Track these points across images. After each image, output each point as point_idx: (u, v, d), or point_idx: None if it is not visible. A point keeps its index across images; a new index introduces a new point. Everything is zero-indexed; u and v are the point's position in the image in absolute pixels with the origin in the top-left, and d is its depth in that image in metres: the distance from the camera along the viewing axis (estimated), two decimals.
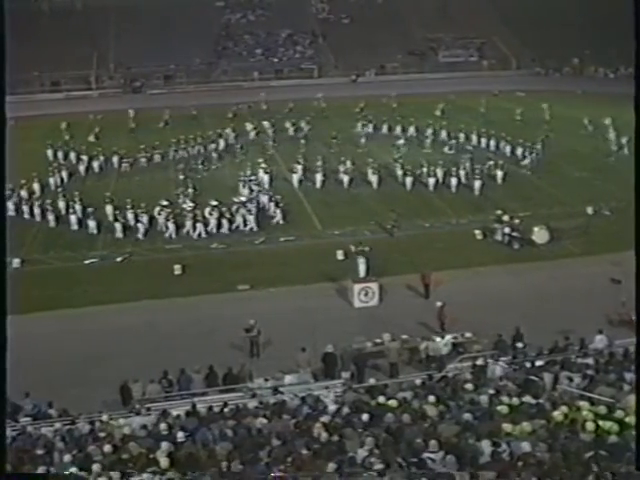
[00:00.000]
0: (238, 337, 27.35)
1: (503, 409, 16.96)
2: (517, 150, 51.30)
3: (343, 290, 32.29)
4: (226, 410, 19.20)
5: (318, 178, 48.12)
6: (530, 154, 49.71)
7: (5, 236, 9.52)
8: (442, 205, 43.52)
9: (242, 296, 32.31)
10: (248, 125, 62.09)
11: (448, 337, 26.11)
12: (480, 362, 22.10)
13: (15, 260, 36.65)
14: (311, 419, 17.38)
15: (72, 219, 41.53)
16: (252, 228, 40.61)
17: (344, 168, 48.67)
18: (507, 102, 68.16)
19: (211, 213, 40.72)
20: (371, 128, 60.97)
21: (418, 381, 20.56)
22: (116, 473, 14.81)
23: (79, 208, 41.93)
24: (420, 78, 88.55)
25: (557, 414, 16.32)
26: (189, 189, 45.40)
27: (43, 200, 44.07)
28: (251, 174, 47.30)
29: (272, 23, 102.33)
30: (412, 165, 48.38)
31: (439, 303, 28.51)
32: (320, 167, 48.69)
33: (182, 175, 49.41)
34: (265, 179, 47.76)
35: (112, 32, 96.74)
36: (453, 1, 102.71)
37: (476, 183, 45.49)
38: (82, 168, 52.74)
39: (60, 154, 54.86)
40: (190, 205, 42.15)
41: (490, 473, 13.80)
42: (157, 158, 54.56)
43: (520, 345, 24.41)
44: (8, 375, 24.03)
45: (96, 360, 26.81)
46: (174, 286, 33.75)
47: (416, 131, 58.68)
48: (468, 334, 26.46)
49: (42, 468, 15.58)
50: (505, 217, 37.97)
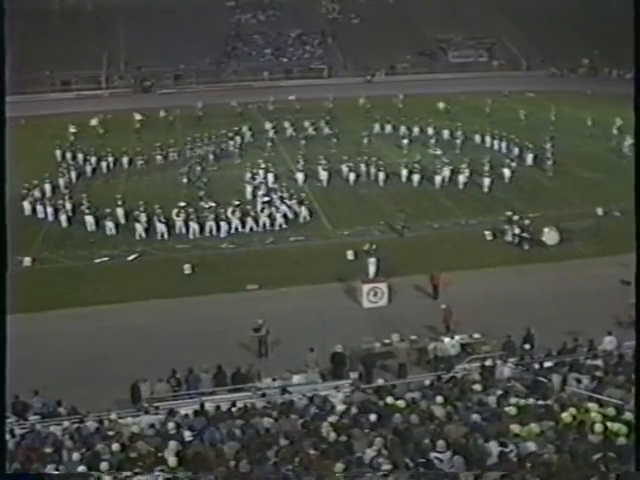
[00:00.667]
0: (246, 337, 27.38)
1: (511, 410, 16.95)
2: (527, 152, 51.03)
3: (352, 290, 32.28)
4: (234, 409, 19.25)
5: (324, 177, 48.42)
6: (547, 158, 49.39)
7: (5, 236, 9.53)
8: (452, 206, 43.44)
9: (251, 296, 32.32)
10: (267, 124, 61.86)
11: (457, 338, 26.07)
12: (489, 363, 22.10)
13: (26, 259, 36.80)
14: (319, 419, 17.41)
15: (88, 220, 41.28)
16: (281, 225, 40.81)
17: (355, 167, 48.80)
18: (517, 103, 67.92)
19: (234, 212, 40.75)
20: (389, 128, 60.65)
21: (426, 382, 20.59)
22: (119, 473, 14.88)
23: (88, 208, 41.74)
24: (431, 78, 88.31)
25: (565, 415, 16.28)
26: (202, 189, 45.32)
27: (55, 200, 44.06)
28: (260, 173, 47.38)
29: (282, 23, 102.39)
30: (422, 166, 48.37)
31: (444, 305, 28.51)
32: (328, 166, 48.91)
33: (191, 175, 49.41)
34: (296, 178, 48.24)
35: (122, 32, 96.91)
36: (463, 1, 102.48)
37: (485, 184, 45.47)
38: (90, 168, 52.71)
39: (69, 154, 54.65)
40: (211, 204, 42.20)
41: (495, 473, 13.78)
42: (174, 156, 54.44)
43: (527, 347, 24.39)
44: (17, 373, 24.12)
45: (105, 359, 26.88)
46: (183, 285, 33.79)
47: (426, 132, 58.41)
48: (477, 335, 26.43)
49: (51, 466, 15.65)
50: (515, 218, 37.88)
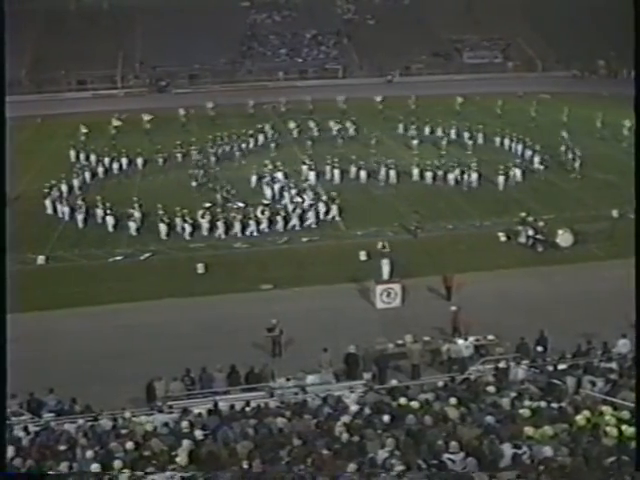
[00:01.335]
0: (260, 336, 27.43)
1: (525, 412, 16.90)
2: (539, 153, 50.80)
3: (366, 291, 32.28)
4: (248, 409, 19.28)
5: (336, 176, 48.83)
6: (574, 160, 49.10)
7: (5, 236, 9.59)
8: (466, 207, 43.37)
9: (265, 296, 32.38)
10: (291, 123, 61.79)
11: (470, 339, 26.03)
12: (502, 365, 22.04)
13: (40, 257, 37.00)
14: (332, 419, 17.42)
15: (108, 220, 41.35)
16: (310, 225, 41.04)
17: (368, 167, 48.99)
18: (533, 104, 67.63)
19: (263, 212, 40.80)
20: (405, 129, 60.38)
21: (440, 383, 20.53)
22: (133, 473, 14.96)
23: (104, 208, 41.86)
24: (445, 79, 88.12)
25: (579, 418, 16.22)
26: (224, 189, 45.36)
27: (71, 199, 44.19)
28: (277, 173, 47.54)
29: (297, 23, 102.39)
30: (436, 166, 48.44)
31: (453, 308, 28.47)
32: (340, 166, 49.21)
33: (199, 176, 49.45)
34: (312, 177, 48.42)
35: (138, 32, 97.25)
36: (478, 2, 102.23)
37: (500, 185, 45.40)
38: (103, 169, 52.57)
39: (82, 155, 54.45)
40: (240, 205, 42.23)
41: (509, 473, 13.77)
42: (195, 154, 54.50)
43: (540, 349, 24.31)
44: (32, 371, 24.27)
45: (119, 357, 26.98)
46: (197, 285, 33.88)
47: (442, 132, 58.24)
48: (490, 337, 26.36)
49: (64, 464, 15.73)
50: (529, 219, 37.77)
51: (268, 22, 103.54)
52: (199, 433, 17.04)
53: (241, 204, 42.58)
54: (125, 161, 53.26)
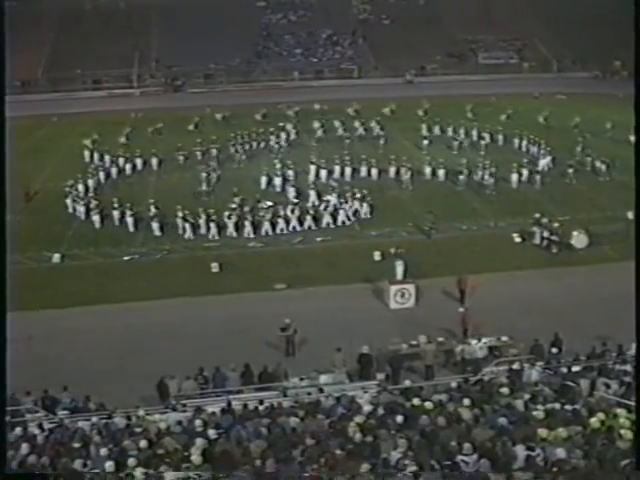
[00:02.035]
0: (274, 336, 27.48)
1: (539, 414, 16.84)
2: (549, 154, 50.62)
3: (379, 291, 32.26)
4: (261, 408, 19.31)
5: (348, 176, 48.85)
6: (603, 162, 48.72)
7: (5, 236, 9.62)
8: (480, 207, 43.28)
9: (279, 295, 32.43)
10: (316, 123, 61.59)
11: (484, 340, 25.97)
12: (516, 366, 21.98)
13: (55, 255, 37.17)
14: (345, 419, 17.42)
15: (129, 221, 41.29)
16: (344, 222, 41.14)
17: (384, 168, 49.05)
18: (549, 105, 67.46)
19: (293, 211, 40.88)
20: (438, 130, 60.06)
21: (453, 384, 20.49)
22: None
23: (119, 210, 41.79)
24: (460, 80, 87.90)
25: (594, 421, 16.15)
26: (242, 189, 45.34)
27: (87, 198, 44.23)
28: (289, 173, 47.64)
29: (313, 23, 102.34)
30: (450, 167, 48.44)
31: (461, 309, 28.40)
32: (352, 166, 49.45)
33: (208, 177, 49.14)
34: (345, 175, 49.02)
35: (154, 31, 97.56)
36: (493, 3, 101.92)
37: (514, 186, 45.31)
38: (128, 167, 52.62)
39: (97, 155, 54.30)
40: (269, 204, 42.34)
41: (524, 475, 13.74)
42: (215, 152, 54.69)
43: (555, 350, 24.23)
44: (46, 368, 24.41)
45: (133, 356, 27.11)
46: (211, 284, 33.96)
47: (458, 133, 58.06)
48: (504, 338, 26.29)
49: (78, 461, 15.80)
50: (544, 221, 37.66)
51: (283, 22, 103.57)
52: (212, 432, 17.08)
53: (270, 203, 42.61)
54: (140, 161, 53.12)
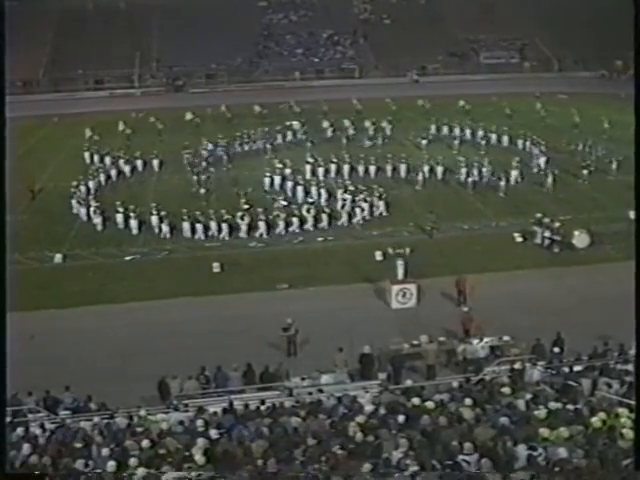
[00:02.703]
0: (275, 336, 27.48)
1: (540, 414, 16.84)
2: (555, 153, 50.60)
3: (381, 291, 32.27)
4: (263, 408, 19.32)
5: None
6: (610, 161, 48.45)
7: (5, 236, 9.62)
8: (482, 207, 43.27)
9: (280, 295, 32.43)
10: (325, 122, 61.44)
11: (485, 340, 25.96)
12: (518, 366, 21.97)
13: (57, 255, 37.18)
14: (347, 419, 17.43)
15: (133, 224, 40.91)
16: (359, 221, 41.25)
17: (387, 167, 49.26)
18: (551, 105, 67.44)
19: (309, 210, 40.89)
20: (437, 129, 59.89)
21: (455, 384, 20.49)
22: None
23: (123, 213, 41.37)
24: (462, 79, 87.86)
25: (595, 420, 16.15)
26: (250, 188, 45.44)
27: (89, 201, 43.90)
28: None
29: (314, 23, 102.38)
30: (450, 166, 48.52)
31: (465, 308, 28.40)
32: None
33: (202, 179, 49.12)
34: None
35: (155, 31, 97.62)
36: (495, 2, 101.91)
37: (515, 186, 45.33)
38: (129, 168, 52.28)
39: (97, 157, 53.82)
40: (284, 204, 42.30)
41: (522, 474, 13.75)
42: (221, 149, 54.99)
43: (556, 350, 24.22)
44: (48, 369, 24.39)
45: (135, 356, 27.12)
46: (213, 284, 33.97)
47: (463, 132, 58.15)
48: (506, 337, 26.27)
49: (80, 461, 15.81)
50: (545, 220, 37.64)
51: (284, 22, 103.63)
52: (214, 432, 17.09)
53: (284, 203, 42.59)
54: (140, 162, 52.86)
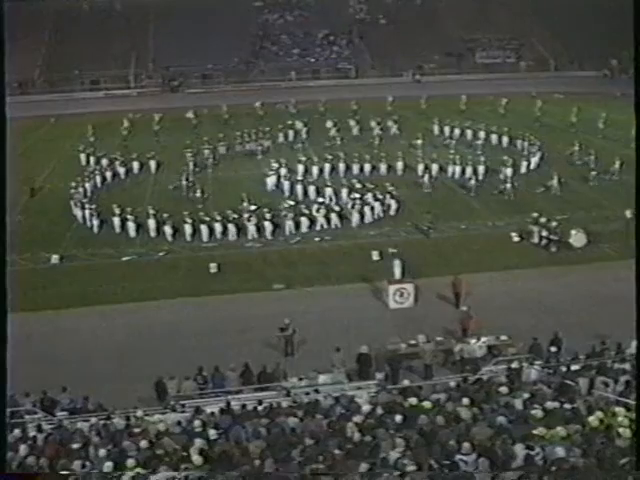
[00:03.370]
0: (273, 336, 27.47)
1: (537, 413, 16.86)
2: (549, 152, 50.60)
3: (378, 291, 32.26)
4: (260, 408, 19.32)
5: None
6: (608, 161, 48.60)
7: (5, 236, 9.59)
8: (479, 207, 43.27)
9: (277, 295, 32.41)
10: (328, 122, 61.09)
11: (483, 340, 25.98)
12: (515, 365, 22.00)
13: (54, 256, 37.13)
14: (344, 419, 17.43)
15: (131, 226, 40.48)
16: (377, 218, 41.27)
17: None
18: (547, 104, 67.44)
19: (319, 210, 40.80)
20: (434, 129, 59.77)
21: (452, 383, 20.52)
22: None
23: (119, 216, 40.91)
24: (458, 79, 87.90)
25: (592, 419, 16.18)
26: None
27: (84, 203, 43.31)
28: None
29: (309, 23, 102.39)
30: (445, 165, 48.61)
31: (464, 308, 28.42)
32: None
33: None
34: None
35: (151, 31, 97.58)
36: (491, 2, 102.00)
37: (511, 185, 45.30)
38: (126, 169, 52.00)
39: (92, 159, 53.38)
40: (290, 204, 42.21)
41: (513, 474, 13.76)
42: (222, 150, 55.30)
43: (554, 349, 24.25)
44: (45, 369, 24.32)
45: (132, 356, 27.10)
46: (210, 284, 33.94)
47: (464, 133, 58.15)
48: (503, 337, 26.29)
49: (78, 462, 15.79)
50: (542, 220, 37.66)
51: (280, 22, 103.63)
52: (212, 432, 17.09)
53: (291, 202, 42.53)
54: (136, 164, 52.51)
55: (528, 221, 38.18)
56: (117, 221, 40.78)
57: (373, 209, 41.52)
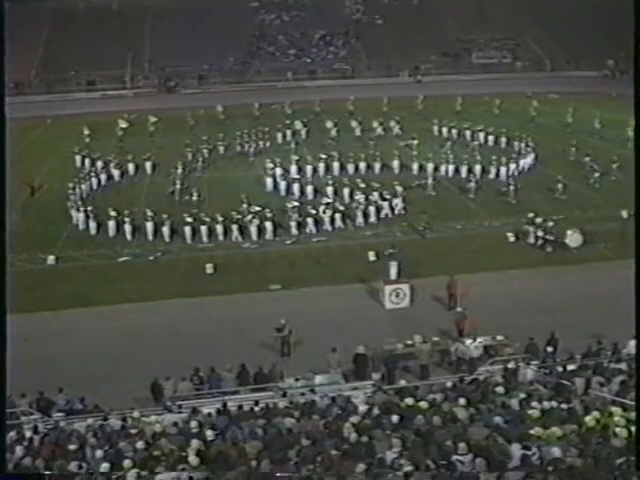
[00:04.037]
0: (269, 337, 27.45)
1: (534, 413, 16.87)
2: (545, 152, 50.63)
3: (374, 291, 32.27)
4: (256, 409, 19.31)
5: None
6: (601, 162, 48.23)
7: (5, 236, 9.59)
8: (474, 207, 43.28)
9: (274, 296, 32.40)
10: (328, 123, 60.89)
11: (479, 340, 25.99)
12: (511, 365, 22.01)
13: (50, 257, 37.09)
14: (341, 419, 17.43)
15: (127, 229, 40.15)
16: (385, 217, 41.40)
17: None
18: (542, 104, 67.46)
19: (325, 211, 40.71)
20: (430, 129, 59.67)
21: (449, 383, 20.51)
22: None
23: (115, 219, 40.62)
24: (454, 79, 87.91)
25: (589, 419, 16.19)
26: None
27: (79, 205, 43.05)
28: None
29: (306, 24, 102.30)
30: (445, 166, 48.63)
31: (459, 309, 28.42)
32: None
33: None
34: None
35: (147, 32, 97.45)
36: (487, 2, 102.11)
37: (509, 186, 45.34)
38: (122, 171, 51.67)
39: (87, 160, 52.95)
40: (295, 204, 42.13)
41: (516, 474, 13.76)
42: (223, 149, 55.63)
43: (550, 349, 24.27)
44: (41, 370, 24.25)
45: (128, 357, 27.08)
46: (206, 285, 33.92)
47: (463, 134, 58.08)
48: (499, 337, 26.30)
49: (74, 463, 15.77)
50: (538, 220, 37.69)
51: (277, 22, 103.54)
52: (208, 433, 17.07)
53: (296, 203, 42.45)
54: (132, 165, 52.10)
55: (524, 221, 38.21)
56: (112, 224, 40.41)
57: (378, 209, 41.48)
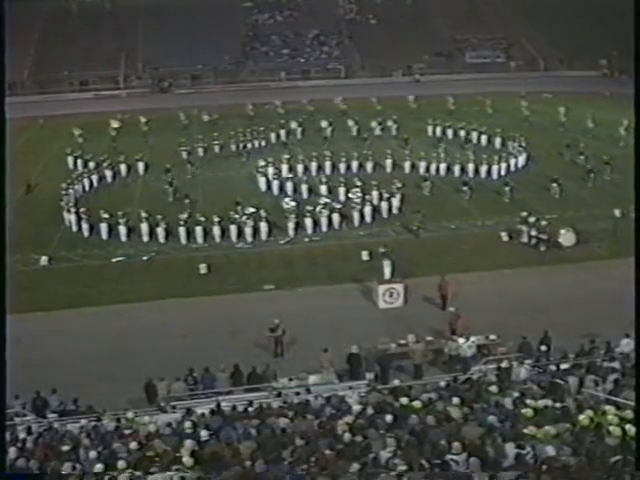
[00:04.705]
0: (263, 337, 27.45)
1: (528, 412, 16.88)
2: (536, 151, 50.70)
3: (368, 291, 32.28)
4: (250, 409, 19.30)
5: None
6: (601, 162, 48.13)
7: (4, 236, 9.59)
8: (468, 206, 43.32)
9: (267, 296, 32.40)
10: (323, 122, 60.76)
11: (473, 339, 26.00)
12: (505, 364, 22.05)
13: (43, 258, 37.02)
14: (335, 419, 17.43)
15: (122, 230, 39.89)
16: (394, 212, 41.67)
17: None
18: (535, 104, 67.62)
19: (321, 211, 40.67)
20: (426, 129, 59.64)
21: (442, 383, 20.55)
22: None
23: (109, 219, 40.34)
24: (447, 79, 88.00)
25: (582, 418, 16.19)
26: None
27: (70, 206, 42.68)
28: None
29: (299, 23, 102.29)
30: (438, 165, 48.74)
31: (452, 309, 28.46)
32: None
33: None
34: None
35: (140, 32, 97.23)
36: (481, 2, 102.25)
37: (504, 185, 45.40)
38: (116, 172, 51.47)
39: (80, 161, 52.71)
40: (292, 204, 42.12)
41: (510, 474, 13.76)
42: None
43: (543, 348, 24.30)
44: (35, 371, 24.18)
45: (122, 358, 27.05)
46: (199, 285, 33.90)
47: (461, 134, 57.91)
48: (493, 336, 26.33)
49: (68, 464, 15.73)
50: (531, 219, 37.74)
51: (270, 22, 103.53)
52: (202, 433, 17.06)
53: (293, 203, 42.42)
54: (124, 166, 51.84)
55: (517, 220, 38.26)
56: (105, 227, 40.13)
57: (375, 209, 41.48)
